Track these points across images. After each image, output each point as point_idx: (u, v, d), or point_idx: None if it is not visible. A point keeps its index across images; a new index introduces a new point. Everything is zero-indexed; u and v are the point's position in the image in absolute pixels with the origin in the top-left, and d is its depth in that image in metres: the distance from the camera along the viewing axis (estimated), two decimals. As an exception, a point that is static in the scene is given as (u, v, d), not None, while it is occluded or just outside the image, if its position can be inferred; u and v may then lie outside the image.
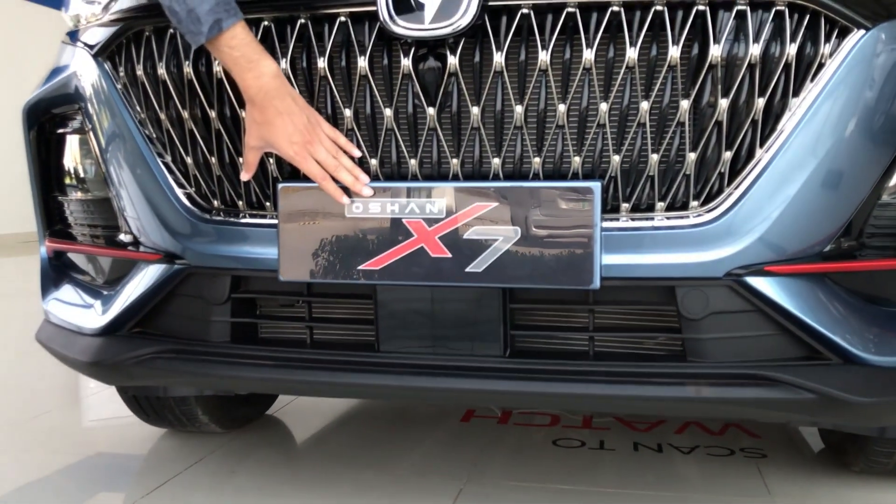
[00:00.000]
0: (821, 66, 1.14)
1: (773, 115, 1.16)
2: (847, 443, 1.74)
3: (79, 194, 1.56)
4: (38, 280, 1.67)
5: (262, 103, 1.20)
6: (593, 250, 1.17)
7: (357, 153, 1.25)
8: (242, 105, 1.28)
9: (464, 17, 1.15)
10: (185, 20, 1.17)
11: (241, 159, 1.31)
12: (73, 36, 1.53)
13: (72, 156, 1.56)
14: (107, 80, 1.40)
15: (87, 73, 1.45)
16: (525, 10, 1.17)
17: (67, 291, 1.58)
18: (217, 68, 1.29)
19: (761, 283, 1.17)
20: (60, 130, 1.57)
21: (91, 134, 1.48)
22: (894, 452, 1.61)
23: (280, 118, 1.20)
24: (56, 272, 1.62)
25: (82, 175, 1.55)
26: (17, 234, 8.69)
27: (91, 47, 1.44)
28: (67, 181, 1.58)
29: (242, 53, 1.18)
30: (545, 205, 1.18)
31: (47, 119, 1.58)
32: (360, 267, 1.25)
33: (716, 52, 1.13)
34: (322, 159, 1.22)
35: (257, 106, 1.21)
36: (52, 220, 1.62)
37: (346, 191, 1.23)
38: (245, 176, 1.29)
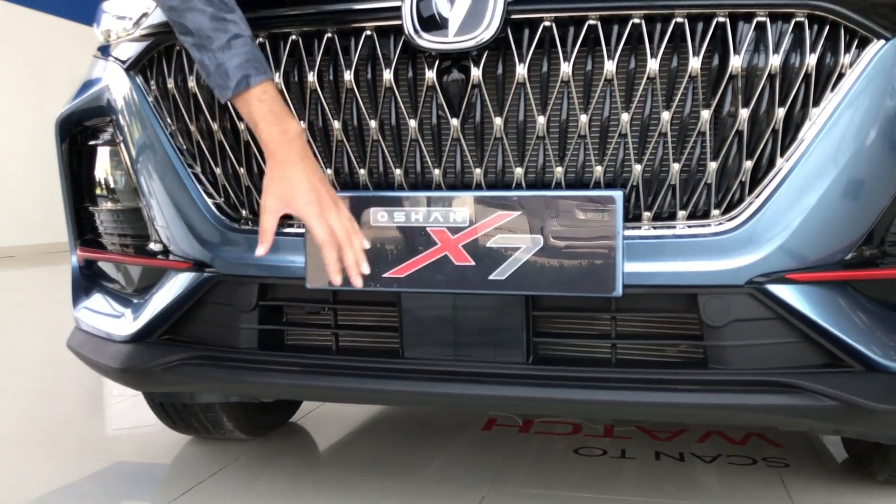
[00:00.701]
0: (841, 76, 1.16)
1: (793, 125, 1.17)
2: (871, 452, 1.74)
3: (109, 204, 1.59)
4: (61, 290, 1.70)
5: (284, 158, 1.19)
6: (615, 258, 1.19)
7: (367, 245, 1.23)
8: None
9: (487, 30, 1.18)
10: (214, 74, 1.19)
11: (269, 169, 1.34)
12: (104, 51, 1.57)
13: (103, 167, 1.60)
14: (138, 93, 1.44)
15: (118, 87, 1.49)
16: (547, 23, 1.19)
17: (98, 299, 1.61)
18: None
19: (783, 291, 1.18)
20: (92, 142, 1.61)
21: (122, 145, 1.51)
22: (919, 462, 1.61)
23: (299, 175, 1.18)
24: (87, 280, 1.65)
25: (113, 185, 1.58)
26: (40, 244, 8.82)
27: (122, 61, 1.48)
28: (98, 191, 1.62)
29: (271, 108, 1.19)
30: (567, 214, 1.20)
31: (79, 131, 1.62)
32: (384, 275, 1.27)
33: (736, 62, 1.15)
34: (337, 228, 1.20)
35: (279, 161, 1.19)
36: (83, 229, 1.66)
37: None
38: (262, 248, 1.22)
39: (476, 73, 1.21)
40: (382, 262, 1.27)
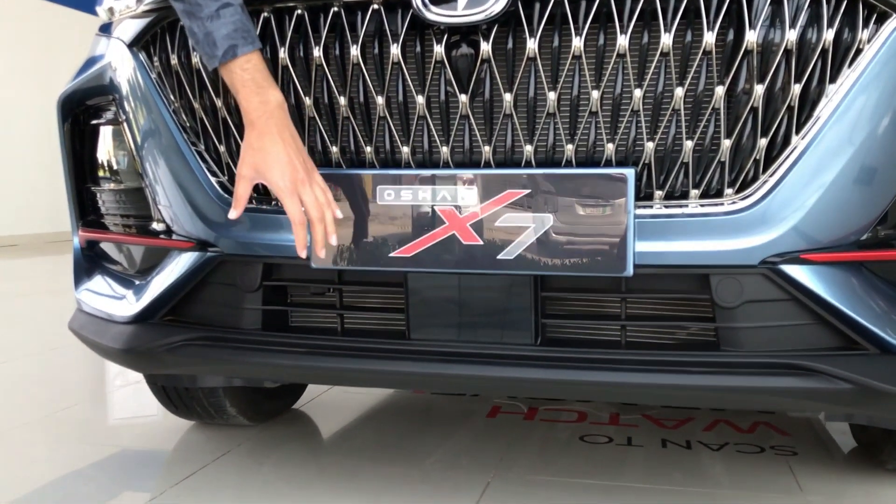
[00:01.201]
0: (858, 51, 1.13)
1: (809, 102, 1.15)
2: (881, 440, 1.72)
3: (112, 184, 1.57)
4: (65, 279, 1.68)
5: (262, 128, 1.19)
6: (626, 237, 1.17)
7: (339, 215, 1.24)
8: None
9: (497, 3, 1.15)
10: (203, 42, 1.19)
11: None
12: (106, 28, 1.55)
13: (105, 146, 1.58)
14: (141, 70, 1.42)
15: (121, 64, 1.47)
16: (558, -4, 1.16)
17: (100, 281, 1.59)
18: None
19: (797, 272, 1.16)
20: (94, 121, 1.59)
21: (125, 124, 1.49)
22: (930, 449, 1.59)
23: (276, 147, 1.19)
24: (89, 262, 1.63)
25: (116, 165, 1.56)
26: (44, 234, 8.81)
27: (125, 38, 1.45)
28: (101, 171, 1.59)
29: (253, 77, 1.19)
30: (578, 192, 1.18)
31: (81, 110, 1.60)
32: (391, 254, 1.25)
33: (751, 37, 1.13)
34: (309, 203, 1.20)
35: (256, 130, 1.20)
36: (86, 210, 1.64)
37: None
38: (234, 212, 1.23)
39: (485, 47, 1.18)
40: (389, 242, 1.25)
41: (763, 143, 1.16)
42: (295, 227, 1.21)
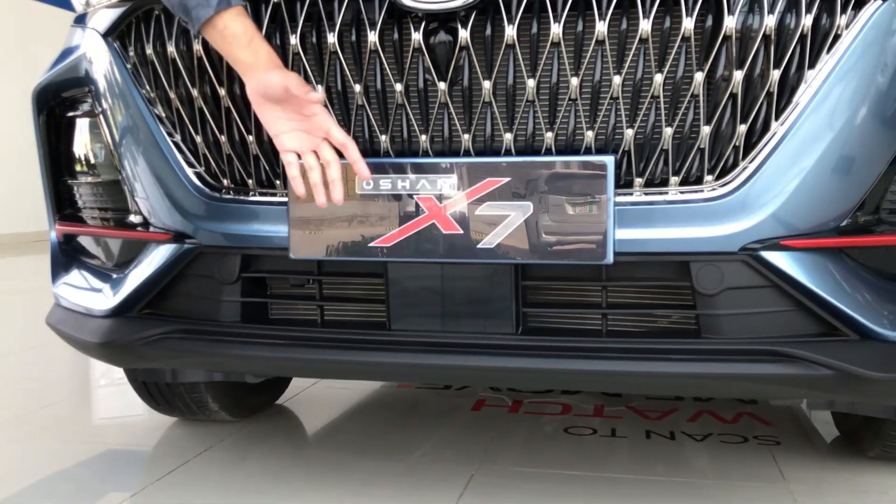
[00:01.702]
0: (837, 37, 1.13)
1: (788, 88, 1.15)
2: (862, 428, 1.73)
3: (89, 177, 1.55)
4: (46, 277, 1.66)
5: (264, 69, 1.16)
6: (606, 225, 1.16)
7: (359, 159, 1.20)
8: (252, 82, 1.27)
9: (475, -11, 1.14)
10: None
11: (250, 138, 1.30)
12: (81, 19, 1.53)
13: (82, 139, 1.56)
14: (116, 60, 1.40)
15: (96, 55, 1.45)
16: (537, -17, 1.15)
17: (77, 275, 1.57)
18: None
19: (777, 258, 1.15)
20: (70, 114, 1.57)
21: (101, 116, 1.47)
22: (911, 436, 1.59)
23: (281, 75, 1.16)
24: (66, 256, 1.61)
25: (92, 157, 1.54)
26: (28, 233, 8.73)
27: (100, 28, 1.43)
28: (77, 164, 1.57)
29: (244, 29, 1.17)
30: (558, 180, 1.17)
31: (57, 103, 1.58)
32: (370, 244, 1.24)
33: (730, 23, 1.12)
34: (326, 125, 1.18)
35: (259, 72, 1.17)
36: (62, 204, 1.62)
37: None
38: (280, 142, 1.20)
39: (464, 34, 1.17)
40: (368, 232, 1.23)
41: (742, 129, 1.15)
42: (290, 174, 1.19)
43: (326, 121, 1.19)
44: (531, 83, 1.18)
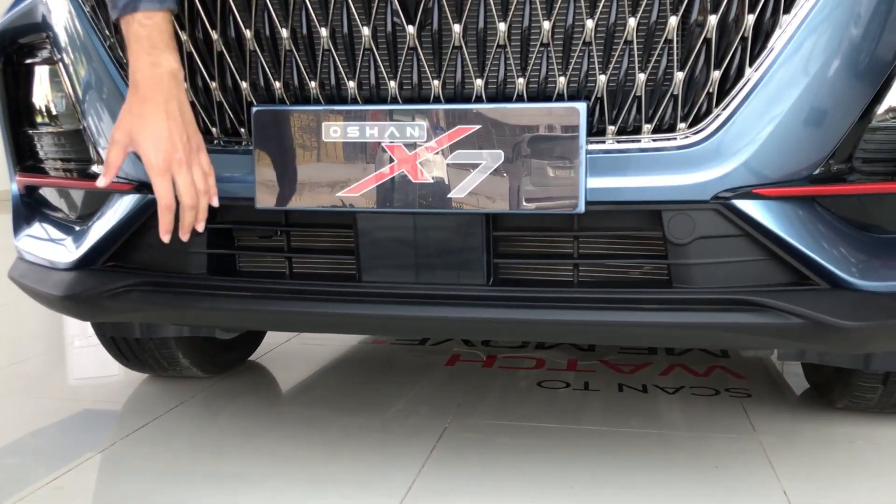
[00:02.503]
0: (813, -19, 1.11)
1: (763, 33, 1.12)
2: (832, 380, 1.74)
3: (49, 127, 1.50)
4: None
5: (146, 93, 1.09)
6: (578, 173, 1.14)
7: (216, 203, 1.18)
8: (214, 26, 1.23)
9: (444, -72, 1.10)
10: None
11: (213, 84, 1.27)
12: (37, -38, 1.47)
13: (41, 87, 1.51)
14: (73, 3, 1.35)
15: (53, -1, 1.39)
16: (508, -77, 1.12)
17: (40, 227, 1.53)
18: (188, -12, 1.24)
19: (749, 206, 1.14)
20: (28, 61, 1.51)
21: (60, 64, 1.42)
22: (878, 387, 1.61)
23: (157, 118, 1.08)
24: (28, 209, 1.57)
25: (53, 106, 1.49)
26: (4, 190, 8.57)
27: (57, -29, 1.38)
28: (38, 114, 1.52)
29: (149, 35, 1.09)
30: (529, 127, 1.15)
31: (14, 49, 1.52)
32: (338, 194, 1.21)
33: (705, -35, 1.09)
34: (182, 186, 1.11)
35: (140, 94, 1.10)
36: (23, 155, 1.57)
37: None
38: (104, 180, 1.13)
39: (433, -24, 1.14)
40: (336, 181, 1.21)
41: (716, 75, 1.13)
42: (161, 209, 1.13)
43: (183, 177, 1.14)
44: (502, 27, 1.15)
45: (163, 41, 1.10)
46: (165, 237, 1.14)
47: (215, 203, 1.18)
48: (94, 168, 1.41)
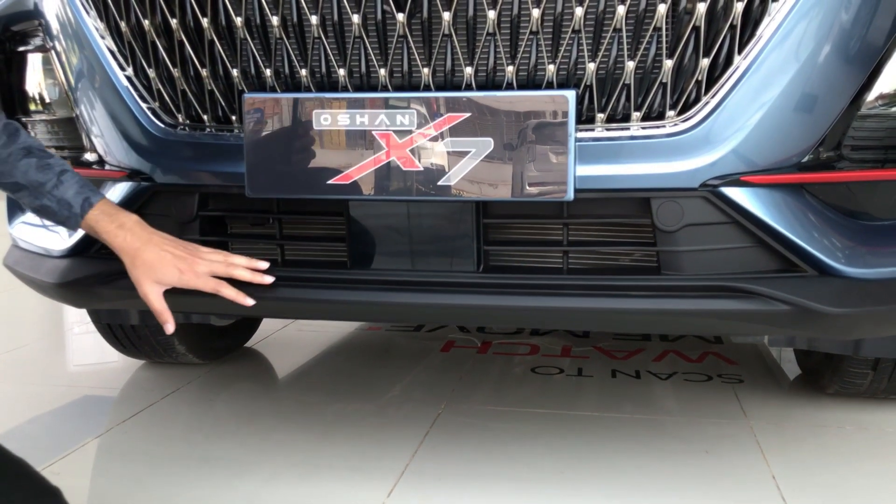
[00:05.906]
0: (802, -32, 1.10)
1: (752, 21, 1.12)
2: (822, 366, 1.75)
3: (42, 114, 1.51)
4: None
5: (132, 247, 1.21)
6: (567, 161, 1.15)
7: (244, 262, 1.26)
8: (205, 14, 1.23)
9: (433, -85, 1.10)
10: (58, 209, 1.19)
11: (205, 71, 1.27)
12: (30, -51, 1.47)
13: (34, 75, 1.51)
14: (65, -10, 1.35)
15: (45, -14, 1.39)
16: None
17: (34, 215, 1.54)
18: (179, -24, 1.24)
19: (737, 194, 1.15)
20: (21, 48, 1.51)
21: (52, 52, 1.42)
22: (868, 373, 1.62)
23: (151, 253, 1.21)
24: (22, 196, 1.57)
25: (46, 94, 1.50)
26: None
27: (48, -42, 1.38)
28: (31, 101, 1.53)
29: (104, 210, 1.21)
30: (519, 115, 1.15)
31: (7, 37, 1.52)
32: (329, 181, 1.21)
33: (694, -48, 1.09)
34: (211, 267, 1.23)
35: (130, 252, 1.22)
36: (17, 143, 1.57)
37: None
38: (170, 327, 1.26)
39: (422, -37, 1.14)
40: (327, 169, 1.21)
41: (705, 63, 1.14)
42: (220, 291, 1.24)
43: (207, 266, 1.24)
44: (492, 15, 1.15)
45: (113, 208, 1.23)
46: (249, 301, 1.26)
47: (242, 261, 1.26)
48: (87, 156, 1.42)
